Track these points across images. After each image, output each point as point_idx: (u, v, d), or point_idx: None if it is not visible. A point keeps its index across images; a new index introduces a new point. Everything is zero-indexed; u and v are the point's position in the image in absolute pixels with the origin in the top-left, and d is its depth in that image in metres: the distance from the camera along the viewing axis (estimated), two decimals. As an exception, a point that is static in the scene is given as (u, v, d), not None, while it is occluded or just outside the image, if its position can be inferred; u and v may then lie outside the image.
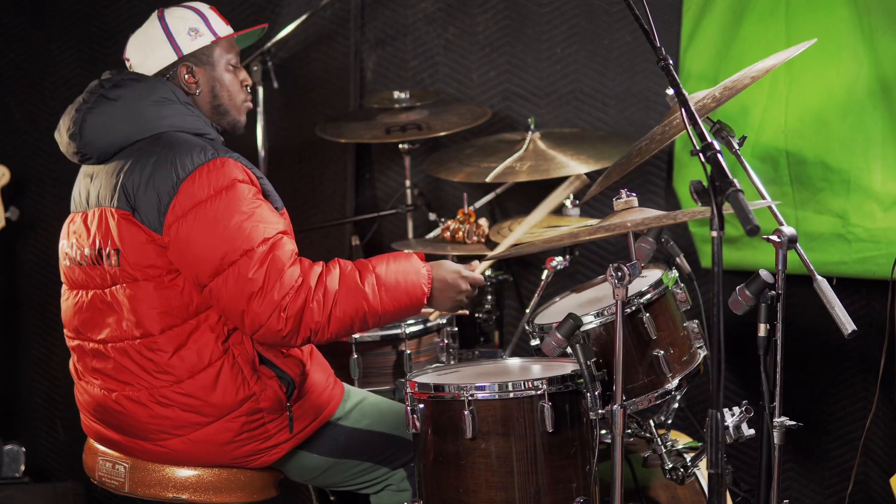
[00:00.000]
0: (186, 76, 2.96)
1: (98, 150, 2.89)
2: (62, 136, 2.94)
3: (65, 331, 3.02)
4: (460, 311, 2.98)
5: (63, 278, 3.02)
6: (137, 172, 2.79)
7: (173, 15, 2.99)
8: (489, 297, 3.97)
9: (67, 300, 3.00)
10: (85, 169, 2.99)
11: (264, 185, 2.87)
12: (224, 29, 3.04)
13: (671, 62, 2.46)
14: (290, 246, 2.77)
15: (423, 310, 2.97)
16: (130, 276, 2.81)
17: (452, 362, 3.51)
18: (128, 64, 3.01)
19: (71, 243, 2.97)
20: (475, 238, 3.82)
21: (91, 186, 2.92)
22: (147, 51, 2.97)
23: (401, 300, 2.84)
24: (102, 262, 2.85)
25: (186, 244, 2.74)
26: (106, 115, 2.87)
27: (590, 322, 2.85)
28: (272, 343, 2.79)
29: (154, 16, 3.00)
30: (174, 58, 2.96)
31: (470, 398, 2.72)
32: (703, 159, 2.27)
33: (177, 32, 2.96)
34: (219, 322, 2.83)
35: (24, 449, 4.52)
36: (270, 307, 2.70)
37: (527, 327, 3.06)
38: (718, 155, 2.24)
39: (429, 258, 3.02)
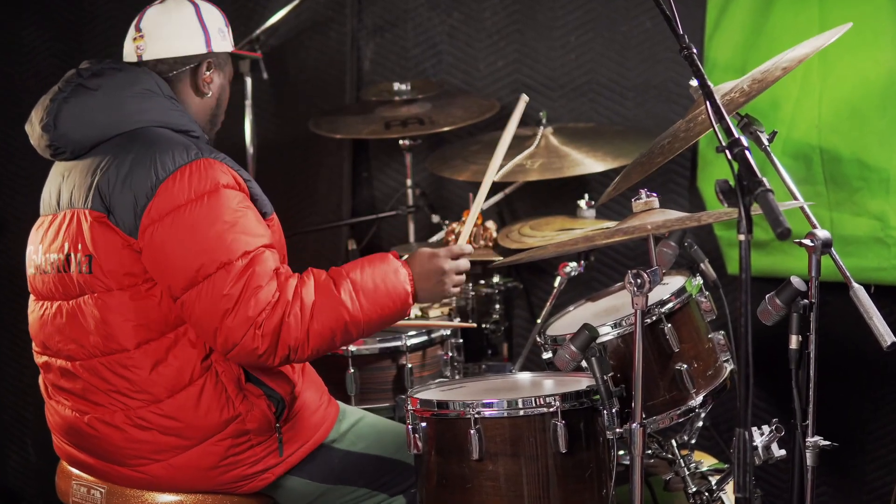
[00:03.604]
0: (206, 73, 2.98)
1: (73, 143, 2.88)
2: (34, 128, 2.92)
3: (33, 345, 3.00)
4: (455, 290, 2.93)
5: (29, 288, 3.00)
6: (114, 171, 2.78)
7: (207, 10, 3.01)
8: (497, 307, 3.96)
9: (34, 312, 2.98)
10: (57, 168, 2.97)
11: (252, 188, 2.84)
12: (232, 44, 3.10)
13: (695, 51, 2.45)
14: (271, 262, 2.74)
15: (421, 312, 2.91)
16: (103, 284, 2.79)
17: (457, 377, 3.51)
18: (138, 35, 2.98)
19: (37, 249, 2.95)
20: (482, 242, 3.81)
21: (63, 186, 2.90)
22: (178, 32, 2.96)
23: (384, 304, 2.80)
24: (70, 270, 2.83)
25: (161, 251, 2.72)
26: (83, 105, 2.86)
27: (606, 333, 2.85)
28: (248, 363, 2.77)
29: (187, 1, 2.99)
30: (204, 50, 2.97)
31: (476, 416, 2.71)
32: (729, 156, 2.26)
33: (210, 27, 2.99)
34: (199, 336, 2.81)
35: (-7, 471, 4.53)
36: (245, 324, 2.67)
37: (538, 339, 3.05)
38: (746, 152, 2.23)
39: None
